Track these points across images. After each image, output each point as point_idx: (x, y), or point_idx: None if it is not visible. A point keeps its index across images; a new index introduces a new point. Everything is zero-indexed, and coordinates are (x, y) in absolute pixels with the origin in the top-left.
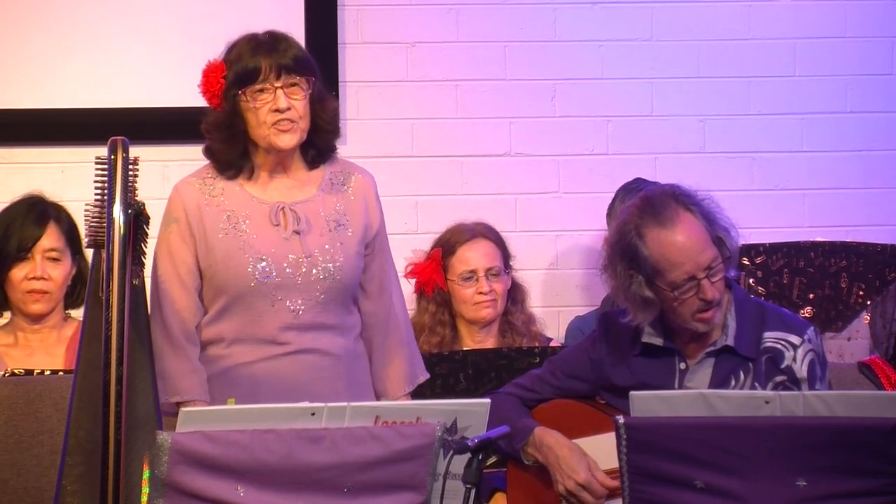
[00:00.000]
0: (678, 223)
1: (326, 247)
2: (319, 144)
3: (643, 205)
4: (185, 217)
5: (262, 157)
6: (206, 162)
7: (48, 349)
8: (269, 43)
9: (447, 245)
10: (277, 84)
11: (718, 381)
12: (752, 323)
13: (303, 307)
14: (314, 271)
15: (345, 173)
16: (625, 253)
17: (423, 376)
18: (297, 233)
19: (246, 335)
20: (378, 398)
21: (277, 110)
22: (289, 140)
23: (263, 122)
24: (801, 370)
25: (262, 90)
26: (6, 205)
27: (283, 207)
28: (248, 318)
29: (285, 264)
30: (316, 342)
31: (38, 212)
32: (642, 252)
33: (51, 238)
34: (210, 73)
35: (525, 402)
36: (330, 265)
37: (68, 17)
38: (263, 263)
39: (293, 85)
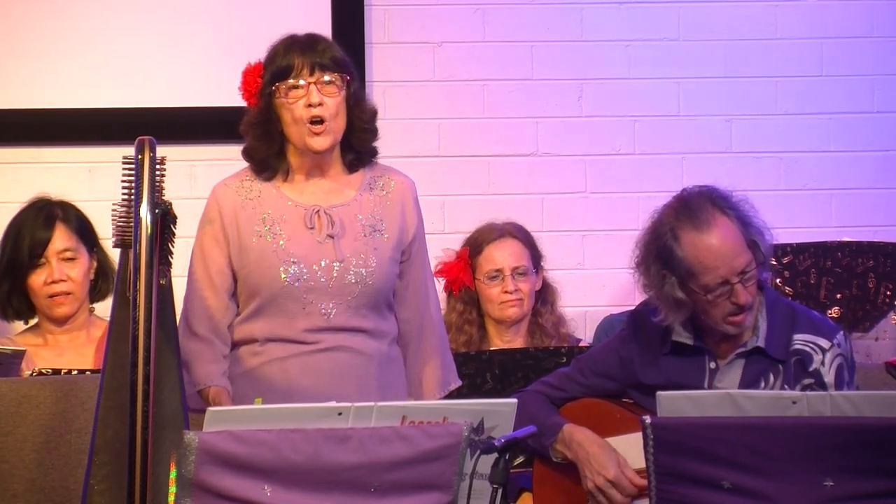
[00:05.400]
0: (714, 227)
1: (360, 251)
2: (357, 146)
3: (679, 206)
4: (219, 219)
5: (298, 158)
6: (246, 164)
7: (78, 349)
8: (306, 42)
9: (475, 244)
10: (311, 80)
11: (748, 382)
12: (782, 325)
13: (334, 310)
14: (347, 276)
15: (384, 178)
16: (659, 253)
17: (455, 383)
18: (331, 237)
19: (277, 336)
20: None
21: (310, 105)
22: (322, 142)
23: (298, 118)
24: (829, 375)
25: (295, 87)
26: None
27: (318, 211)
28: (280, 321)
29: (317, 268)
30: (348, 341)
31: (44, 215)
32: (677, 254)
33: (62, 238)
34: (248, 74)
35: (552, 400)
36: (363, 270)
37: (97, 17)
38: (295, 267)
39: (328, 83)
